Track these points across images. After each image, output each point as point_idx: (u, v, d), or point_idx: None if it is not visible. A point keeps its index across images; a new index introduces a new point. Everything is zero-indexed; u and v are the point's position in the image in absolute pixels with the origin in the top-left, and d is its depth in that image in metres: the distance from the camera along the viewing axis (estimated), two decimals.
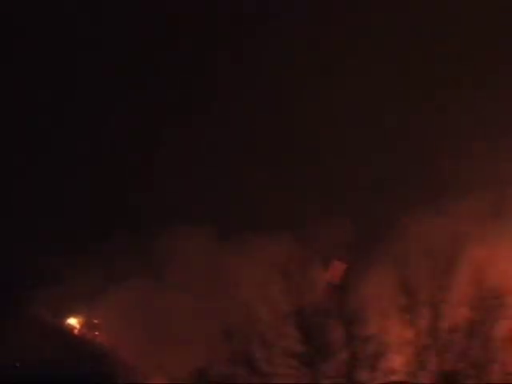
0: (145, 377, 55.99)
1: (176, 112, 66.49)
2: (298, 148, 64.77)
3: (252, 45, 64.50)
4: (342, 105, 62.74)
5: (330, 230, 59.86)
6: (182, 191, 63.36)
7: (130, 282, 60.28)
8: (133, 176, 64.75)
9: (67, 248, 60.95)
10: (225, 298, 56.75)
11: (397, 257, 43.37)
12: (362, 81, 62.70)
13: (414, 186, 59.55)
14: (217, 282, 60.64)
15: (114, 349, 59.57)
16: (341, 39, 62.88)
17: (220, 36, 65.34)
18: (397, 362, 35.81)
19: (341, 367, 34.87)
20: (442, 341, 35.32)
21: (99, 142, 66.70)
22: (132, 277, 60.32)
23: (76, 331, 61.82)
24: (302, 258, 60.18)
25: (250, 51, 64.97)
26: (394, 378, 35.39)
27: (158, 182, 64.71)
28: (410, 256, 41.40)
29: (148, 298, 60.13)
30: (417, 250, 54.20)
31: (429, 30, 62.95)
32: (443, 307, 36.00)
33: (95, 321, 61.94)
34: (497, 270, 38.17)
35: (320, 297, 38.78)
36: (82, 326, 62.03)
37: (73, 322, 62.03)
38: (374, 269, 50.21)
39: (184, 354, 53.60)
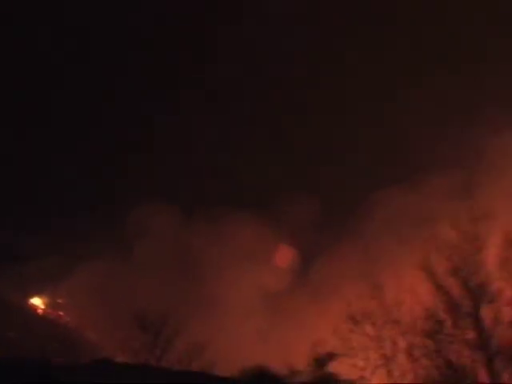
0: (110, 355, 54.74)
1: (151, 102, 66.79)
2: (271, 125, 64.58)
3: (252, 44, 64.62)
4: (320, 85, 62.68)
5: (299, 207, 59.25)
6: (155, 170, 63.27)
7: (96, 262, 59.20)
8: (106, 158, 64.73)
9: (36, 226, 60.40)
10: None
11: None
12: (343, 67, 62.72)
13: (386, 162, 59.36)
14: (185, 260, 59.86)
15: (78, 328, 58.41)
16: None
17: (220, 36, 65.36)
18: None
19: None
20: None
21: (77, 125, 66.67)
22: (99, 256, 59.29)
23: (40, 311, 60.54)
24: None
25: (250, 50, 65.09)
26: None
27: (131, 163, 64.68)
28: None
29: (114, 277, 59.09)
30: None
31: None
32: None
33: (59, 300, 60.73)
34: None
35: None
36: (47, 305, 60.76)
37: (37, 301, 60.74)
38: None
39: None
